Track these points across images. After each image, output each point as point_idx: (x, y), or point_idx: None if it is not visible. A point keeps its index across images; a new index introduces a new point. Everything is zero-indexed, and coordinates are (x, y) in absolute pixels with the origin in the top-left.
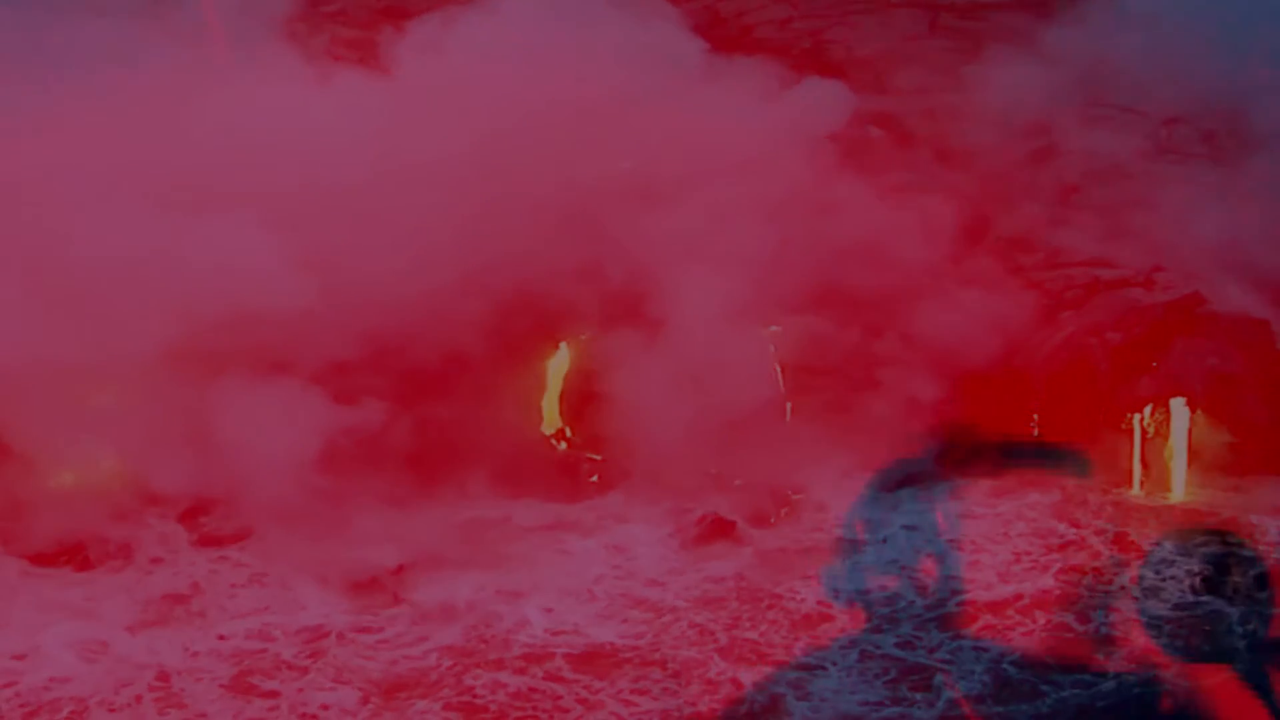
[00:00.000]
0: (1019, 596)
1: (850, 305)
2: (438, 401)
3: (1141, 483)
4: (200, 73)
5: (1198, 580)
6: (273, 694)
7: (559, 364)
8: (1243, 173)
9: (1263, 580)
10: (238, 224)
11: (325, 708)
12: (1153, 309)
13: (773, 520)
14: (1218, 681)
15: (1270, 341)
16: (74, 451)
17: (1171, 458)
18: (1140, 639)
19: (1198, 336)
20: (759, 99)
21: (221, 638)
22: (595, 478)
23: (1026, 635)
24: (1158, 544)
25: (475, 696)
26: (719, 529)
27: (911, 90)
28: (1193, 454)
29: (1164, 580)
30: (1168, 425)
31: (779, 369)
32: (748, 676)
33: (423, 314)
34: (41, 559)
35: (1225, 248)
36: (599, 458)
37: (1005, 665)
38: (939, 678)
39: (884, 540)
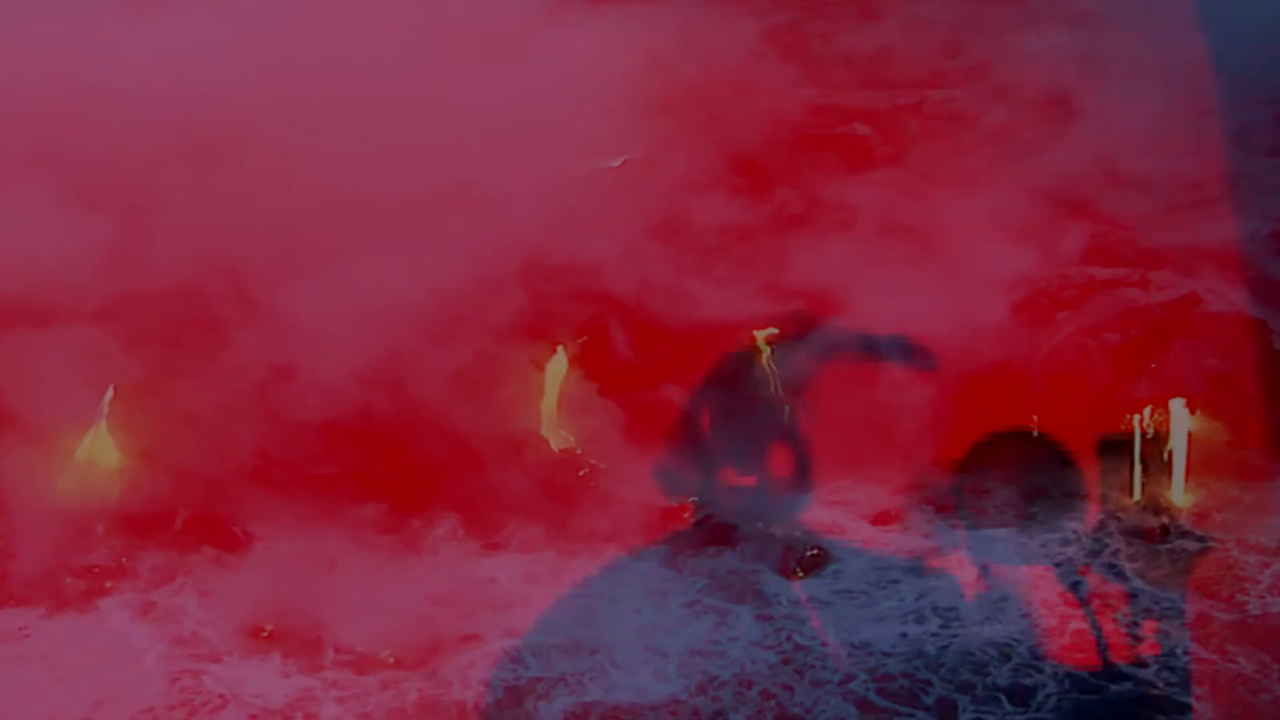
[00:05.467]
0: (1032, 634)
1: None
2: None
3: (1141, 487)
4: None
5: (1205, 618)
6: None
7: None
8: None
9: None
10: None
11: None
12: (1149, 309)
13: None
14: None
15: (1269, 341)
16: None
17: (1171, 459)
18: (1174, 693)
19: (1196, 337)
20: None
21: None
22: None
23: (1048, 685)
24: (1164, 562)
25: None
26: (718, 534)
27: (895, 84)
28: (1192, 455)
29: (1174, 608)
30: (1167, 426)
31: (775, 374)
32: None
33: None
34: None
35: None
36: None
37: None
38: None
39: (887, 571)
